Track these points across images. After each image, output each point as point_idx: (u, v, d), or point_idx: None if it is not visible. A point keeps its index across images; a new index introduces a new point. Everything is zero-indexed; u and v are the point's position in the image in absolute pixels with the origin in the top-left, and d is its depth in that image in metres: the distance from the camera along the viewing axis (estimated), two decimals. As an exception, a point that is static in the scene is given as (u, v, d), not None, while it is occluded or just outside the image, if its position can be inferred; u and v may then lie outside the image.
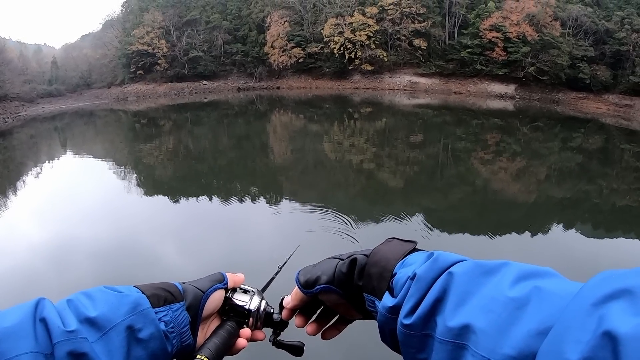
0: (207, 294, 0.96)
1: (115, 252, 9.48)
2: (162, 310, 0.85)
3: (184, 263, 9.04)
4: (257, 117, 36.52)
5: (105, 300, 0.79)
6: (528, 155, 22.70)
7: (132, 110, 41.34)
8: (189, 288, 0.94)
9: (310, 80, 53.15)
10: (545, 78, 45.76)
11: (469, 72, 49.26)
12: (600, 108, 41.88)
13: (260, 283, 1.10)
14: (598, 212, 14.46)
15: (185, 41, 52.68)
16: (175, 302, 0.88)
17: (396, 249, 0.86)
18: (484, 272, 0.67)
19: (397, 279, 0.79)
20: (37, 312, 0.73)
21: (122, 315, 0.79)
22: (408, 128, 30.53)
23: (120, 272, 8.38)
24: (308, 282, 0.94)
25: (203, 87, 52.80)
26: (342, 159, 21.30)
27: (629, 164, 22.11)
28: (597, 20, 46.78)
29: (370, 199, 14.56)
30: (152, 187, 16.02)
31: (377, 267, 0.84)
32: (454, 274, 0.68)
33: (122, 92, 50.89)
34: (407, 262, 0.82)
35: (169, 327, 0.85)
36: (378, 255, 0.86)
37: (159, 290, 0.88)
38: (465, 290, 0.65)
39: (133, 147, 24.63)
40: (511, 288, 0.61)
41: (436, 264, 0.73)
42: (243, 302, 1.02)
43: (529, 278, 0.63)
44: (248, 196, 14.26)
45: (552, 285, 0.59)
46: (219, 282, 0.99)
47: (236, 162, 20.42)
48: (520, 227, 11.83)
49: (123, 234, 10.73)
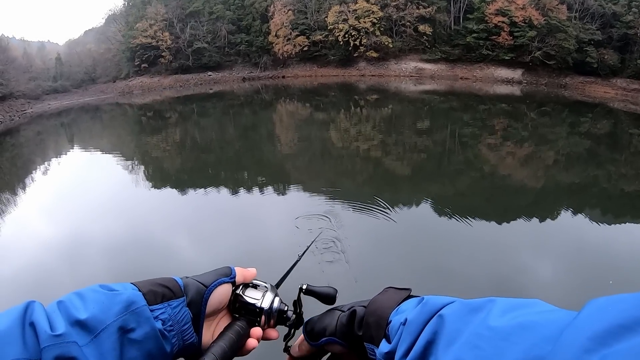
0: (211, 289, 0.92)
1: (129, 246, 9.53)
2: (160, 307, 0.83)
3: (197, 255, 9.07)
4: (263, 107, 36.48)
5: (96, 300, 0.77)
6: (535, 141, 22.56)
7: (138, 104, 41.35)
8: (191, 283, 0.91)
9: (315, 68, 52.94)
10: (552, 62, 45.29)
11: (475, 57, 48.86)
12: (608, 92, 41.42)
13: (274, 273, 1.09)
14: (607, 197, 14.37)
15: (189, 33, 52.50)
16: (174, 298, 0.85)
17: (391, 298, 0.89)
18: (470, 310, 0.68)
19: (391, 325, 0.81)
20: (26, 316, 0.71)
21: (114, 315, 0.76)
22: (414, 114, 30.42)
23: (134, 266, 8.42)
24: (313, 333, 0.96)
25: (208, 78, 52.69)
26: (349, 146, 21.27)
27: (637, 149, 21.97)
28: (604, 3, 46.14)
29: (377, 187, 14.51)
30: (160, 179, 16.08)
31: (374, 317, 0.86)
32: (443, 316, 0.70)
33: (127, 85, 50.83)
34: (400, 309, 0.84)
35: (166, 326, 0.82)
36: (375, 305, 0.88)
37: (157, 286, 0.85)
38: (454, 329, 0.66)
39: (140, 140, 24.70)
40: (495, 322, 0.61)
41: (426, 308, 0.75)
42: (255, 299, 0.98)
43: (514, 310, 0.62)
44: (256, 186, 14.27)
45: (535, 316, 0.59)
46: (225, 276, 0.96)
47: (243, 152, 20.40)
48: (528, 213, 11.77)
49: (134, 227, 10.79)
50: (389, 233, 9.89)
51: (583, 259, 9.09)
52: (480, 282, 7.85)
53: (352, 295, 1.21)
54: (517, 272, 8.40)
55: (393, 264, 8.34)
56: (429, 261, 8.73)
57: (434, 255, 8.96)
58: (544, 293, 7.65)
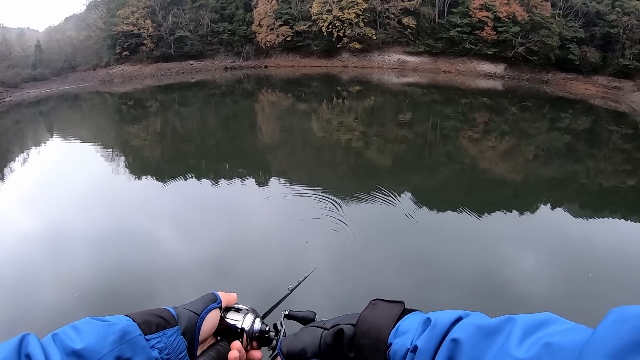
0: (202, 316, 0.93)
1: (110, 237, 9.36)
2: (155, 337, 0.83)
3: (179, 246, 8.98)
4: (244, 97, 36.21)
5: (91, 331, 0.76)
6: (516, 135, 22.77)
7: (118, 92, 40.77)
8: (183, 312, 0.92)
9: (298, 58, 52.55)
10: (535, 58, 45.54)
11: (458, 51, 48.86)
12: (589, 89, 41.78)
13: (258, 268, 1.06)
14: (585, 192, 14.58)
15: (171, 21, 51.71)
16: (169, 327, 0.86)
17: (384, 315, 0.81)
18: (487, 333, 0.65)
19: (394, 350, 0.75)
20: (21, 349, 0.71)
21: (110, 345, 0.76)
22: (397, 107, 30.37)
23: (118, 259, 8.29)
24: (292, 354, 0.91)
25: (190, 67, 52.03)
26: (330, 137, 21.17)
27: (616, 145, 22.13)
28: (588, 2, 46.57)
29: (358, 178, 14.47)
30: (140, 169, 15.82)
31: (368, 339, 0.79)
32: (458, 341, 0.66)
33: (107, 74, 49.94)
34: (400, 329, 0.77)
35: (163, 354, 0.82)
36: (366, 325, 0.81)
37: (151, 316, 0.85)
38: (472, 356, 0.63)
39: (120, 130, 24.35)
40: (519, 348, 0.58)
41: (435, 331, 0.70)
42: (236, 320, 1.00)
43: (535, 332, 0.60)
44: (236, 176, 14.13)
45: (560, 338, 0.56)
46: (213, 302, 0.97)
47: (224, 142, 20.23)
48: (508, 206, 11.93)
49: (116, 217, 10.60)
50: (371, 226, 9.82)
51: (563, 252, 9.22)
52: (465, 275, 7.88)
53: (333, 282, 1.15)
54: (500, 265, 8.47)
55: (375, 259, 8.24)
56: (412, 254, 8.69)
57: (417, 248, 8.93)
58: (526, 286, 7.70)
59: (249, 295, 6.25)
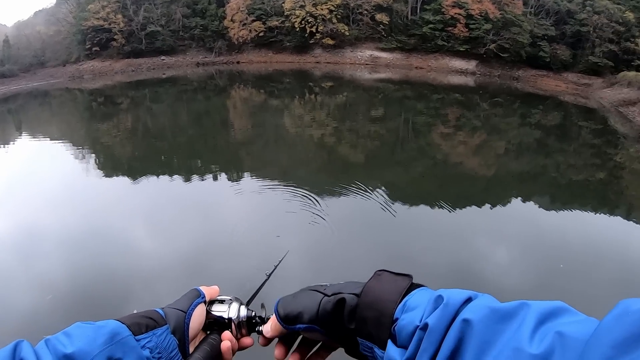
0: (189, 313, 0.94)
1: (84, 238, 9.03)
2: (145, 337, 0.83)
3: (154, 245, 8.74)
4: (216, 93, 35.82)
5: (81, 335, 0.77)
6: (488, 130, 22.95)
7: (89, 89, 39.79)
8: (170, 311, 0.92)
9: (270, 54, 52.14)
10: (506, 55, 46.15)
11: (431, 47, 49.14)
12: (559, 86, 42.41)
13: (234, 266, 0.99)
14: (555, 186, 14.73)
15: (143, 15, 50.81)
16: (158, 327, 0.86)
17: (390, 288, 0.79)
18: (501, 317, 0.64)
19: (401, 326, 0.73)
20: (15, 355, 0.72)
21: (100, 346, 0.76)
22: (369, 102, 30.36)
23: (91, 259, 8.01)
24: (288, 316, 0.88)
25: (161, 62, 51.21)
26: (303, 133, 21.03)
27: (585, 140, 22.40)
28: (559, 0, 47.59)
29: (331, 174, 14.40)
30: (111, 167, 15.42)
31: (372, 311, 0.78)
32: (470, 321, 0.65)
33: (77, 70, 48.76)
34: (409, 305, 0.75)
35: (154, 353, 0.83)
36: (371, 296, 0.79)
37: (140, 318, 0.85)
38: (483, 340, 0.63)
39: (90, 127, 23.73)
40: (533, 337, 0.58)
41: (447, 310, 0.69)
42: (221, 311, 1.00)
43: (548, 321, 0.60)
44: (209, 173, 13.90)
45: (572, 328, 0.56)
46: (197, 298, 0.98)
47: (196, 139, 19.91)
48: (480, 200, 12.05)
49: (88, 218, 10.22)
50: (345, 221, 9.72)
51: (535, 245, 9.39)
52: (440, 268, 7.95)
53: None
54: (473, 258, 8.49)
55: (350, 254, 8.16)
56: (386, 249, 8.62)
57: (391, 243, 8.87)
58: (500, 278, 7.75)
59: (226, 291, 6.26)
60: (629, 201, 13.84)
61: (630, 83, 33.66)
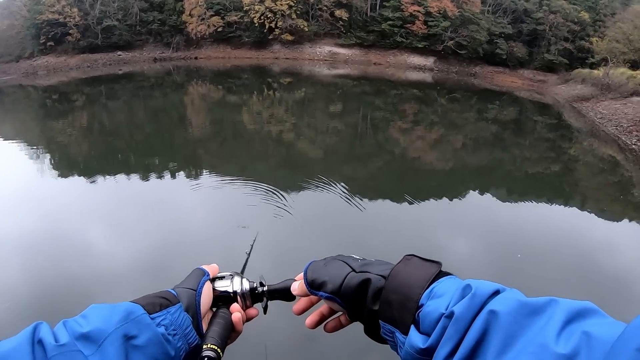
0: (199, 291, 0.96)
1: (40, 242, 8.39)
2: (160, 315, 0.85)
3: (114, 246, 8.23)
4: (174, 89, 35.05)
5: (97, 315, 0.79)
6: (445, 125, 23.13)
7: (43, 86, 38.38)
8: (181, 290, 0.95)
9: (229, 50, 51.58)
10: (464, 52, 47.08)
11: (389, 44, 49.62)
12: (516, 82, 43.43)
13: (199, 262, 1.10)
14: (511, 178, 14.91)
15: (99, 9, 49.36)
16: (171, 305, 0.89)
17: (418, 273, 0.80)
18: (529, 312, 0.64)
19: (425, 312, 0.73)
20: (35, 335, 0.74)
21: (115, 324, 0.78)
22: (327, 98, 30.18)
23: (50, 264, 7.50)
24: (314, 282, 0.90)
25: (117, 58, 49.91)
26: (261, 129, 20.74)
27: (540, 134, 22.75)
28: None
29: (291, 169, 14.23)
30: (67, 167, 14.74)
31: (397, 295, 0.78)
32: (497, 313, 0.65)
33: (31, 65, 46.98)
34: (435, 292, 0.76)
35: (169, 330, 0.85)
36: (398, 280, 0.80)
37: (153, 298, 0.88)
38: (509, 333, 0.62)
39: (45, 126, 22.83)
40: (560, 335, 0.58)
41: (475, 300, 0.69)
42: (225, 286, 1.03)
43: (576, 320, 0.60)
44: (168, 171, 13.42)
45: (600, 330, 0.56)
46: (203, 276, 1.00)
47: (154, 136, 19.40)
48: (438, 193, 12.09)
49: (44, 220, 9.54)
50: (304, 217, 9.52)
51: (493, 235, 9.53)
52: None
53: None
54: (434, 249, 8.46)
55: (308, 250, 7.94)
56: (346, 245, 8.43)
57: (350, 239, 8.70)
58: (460, 271, 7.58)
59: None
60: (583, 192, 14.04)
61: (584, 80, 34.59)
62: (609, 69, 31.72)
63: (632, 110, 22.17)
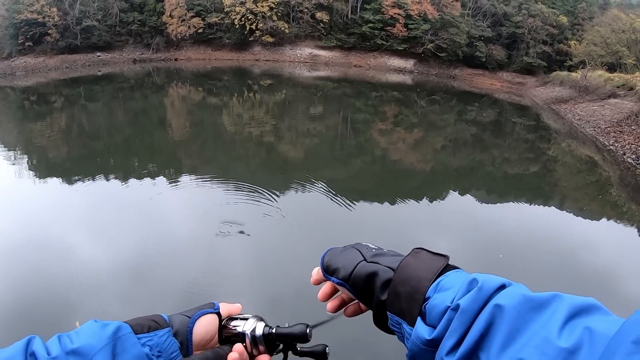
0: (194, 318, 0.96)
1: (18, 247, 8.11)
2: (146, 336, 0.86)
3: (95, 252, 7.94)
4: (154, 91, 34.70)
5: (88, 331, 0.81)
6: (425, 127, 23.25)
7: (21, 87, 37.67)
8: (175, 316, 0.96)
9: (209, 51, 51.27)
10: (444, 55, 47.47)
11: (370, 46, 49.85)
12: (495, 84, 43.94)
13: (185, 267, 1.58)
14: (491, 179, 15.00)
15: (79, 9, 48.69)
16: (160, 328, 0.90)
17: (426, 266, 0.81)
18: (533, 306, 0.65)
19: (432, 305, 0.74)
20: (27, 348, 0.77)
21: (104, 340, 0.80)
22: (308, 100, 30.19)
23: (29, 270, 7.21)
24: (329, 267, 0.91)
25: (97, 59, 49.25)
26: (241, 132, 20.61)
27: (519, 136, 22.98)
28: (497, 3, 50.02)
29: (271, 171, 14.10)
30: (46, 170, 14.40)
31: (405, 286, 0.79)
32: (502, 307, 0.66)
33: (9, 66, 46.00)
34: (442, 285, 0.77)
35: (154, 351, 0.86)
36: (406, 272, 0.81)
37: (144, 320, 0.90)
38: (514, 326, 0.64)
39: (23, 128, 22.43)
40: (562, 329, 0.60)
41: (481, 294, 0.70)
42: (237, 326, 1.00)
43: (579, 316, 0.62)
44: (147, 173, 13.21)
45: (602, 326, 0.58)
46: (209, 307, 1.00)
47: (133, 138, 19.14)
48: (418, 194, 12.10)
49: (23, 225, 9.22)
50: (286, 218, 9.43)
51: (474, 236, 9.48)
52: None
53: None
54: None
55: (291, 252, 7.86)
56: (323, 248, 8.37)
57: (333, 241, 8.62)
58: None
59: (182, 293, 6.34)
60: (562, 192, 14.15)
61: (562, 82, 35.07)
62: (587, 72, 32.20)
63: (609, 112, 22.44)
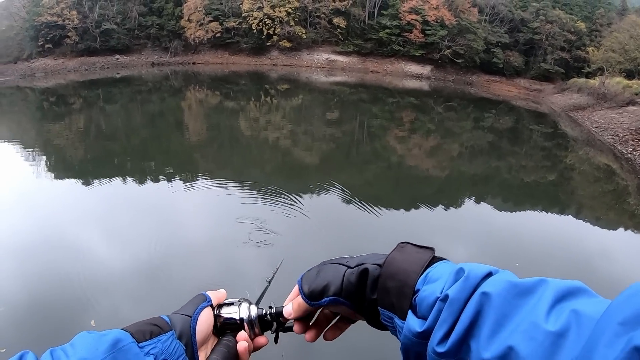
0: (195, 317, 0.91)
1: (35, 245, 8.22)
2: (149, 343, 0.81)
3: (111, 251, 8.07)
4: (171, 94, 35.00)
5: (84, 344, 0.76)
6: (441, 133, 23.16)
7: (40, 88, 38.21)
8: (175, 317, 0.91)
9: (227, 55, 51.64)
10: (461, 61, 47.37)
11: (387, 52, 49.89)
12: (512, 91, 43.68)
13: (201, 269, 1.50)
14: (507, 187, 14.90)
15: (98, 12, 49.35)
16: (162, 333, 0.85)
17: (413, 259, 0.81)
18: (520, 292, 0.66)
19: (421, 297, 0.75)
20: None
21: (101, 354, 0.75)
22: (324, 105, 30.27)
23: (45, 268, 7.31)
24: (314, 293, 0.88)
25: (115, 61, 49.84)
26: (258, 136, 20.74)
27: (536, 143, 22.82)
28: (514, 9, 49.74)
29: (286, 176, 14.17)
30: (63, 170, 14.60)
31: (394, 281, 0.80)
32: (489, 295, 0.67)
33: (29, 67, 46.77)
34: (430, 276, 0.77)
35: (160, 359, 0.81)
36: (393, 266, 0.81)
37: (144, 325, 0.84)
38: (501, 313, 0.64)
39: (42, 128, 22.73)
40: (549, 313, 0.61)
41: (468, 283, 0.70)
42: (232, 313, 0.98)
43: (565, 299, 0.62)
44: (164, 175, 13.35)
45: (589, 308, 0.58)
46: (203, 302, 0.95)
47: (151, 141, 19.32)
48: (434, 202, 12.02)
49: (40, 224, 9.36)
50: (300, 223, 9.50)
51: (490, 244, 9.45)
52: None
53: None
54: None
55: (304, 255, 7.90)
56: (341, 252, 8.40)
57: (347, 245, 8.67)
58: None
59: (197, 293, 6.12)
60: (579, 201, 14.07)
61: (580, 89, 34.72)
62: (605, 79, 31.90)
63: (627, 120, 22.24)
